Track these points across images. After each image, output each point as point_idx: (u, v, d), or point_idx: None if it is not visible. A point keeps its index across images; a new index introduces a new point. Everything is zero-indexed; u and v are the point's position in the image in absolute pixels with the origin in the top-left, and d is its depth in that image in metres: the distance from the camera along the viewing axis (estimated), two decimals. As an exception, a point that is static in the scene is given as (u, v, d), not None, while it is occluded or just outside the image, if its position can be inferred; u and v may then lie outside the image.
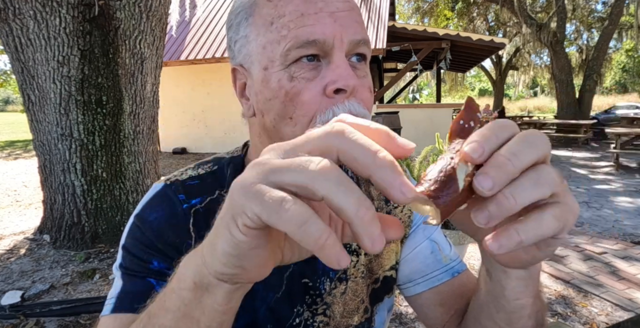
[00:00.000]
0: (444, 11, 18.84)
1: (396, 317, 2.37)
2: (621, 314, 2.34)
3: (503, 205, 0.26)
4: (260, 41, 0.48)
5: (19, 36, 3.07)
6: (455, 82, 26.28)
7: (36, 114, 3.27)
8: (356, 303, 0.62)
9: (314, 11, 0.46)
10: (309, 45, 0.45)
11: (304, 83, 0.47)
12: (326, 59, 0.47)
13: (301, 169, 0.24)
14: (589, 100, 12.30)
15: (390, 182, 0.24)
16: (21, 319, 2.35)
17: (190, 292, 0.33)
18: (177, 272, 0.35)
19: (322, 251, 0.23)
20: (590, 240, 3.54)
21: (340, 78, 0.45)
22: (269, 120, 0.50)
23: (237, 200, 0.26)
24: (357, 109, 0.47)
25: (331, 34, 0.46)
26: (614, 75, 35.06)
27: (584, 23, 19.08)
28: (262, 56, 0.48)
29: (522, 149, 0.27)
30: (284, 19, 0.46)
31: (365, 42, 0.49)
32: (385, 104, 11.92)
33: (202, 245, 0.33)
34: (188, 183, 0.58)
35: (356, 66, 0.50)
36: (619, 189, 5.62)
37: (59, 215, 3.36)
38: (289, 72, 0.47)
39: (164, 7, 3.50)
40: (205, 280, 0.32)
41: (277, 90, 0.47)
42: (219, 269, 0.30)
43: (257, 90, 0.50)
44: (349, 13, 0.48)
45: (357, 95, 0.48)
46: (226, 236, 0.27)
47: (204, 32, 9.01)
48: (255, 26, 0.49)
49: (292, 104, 0.47)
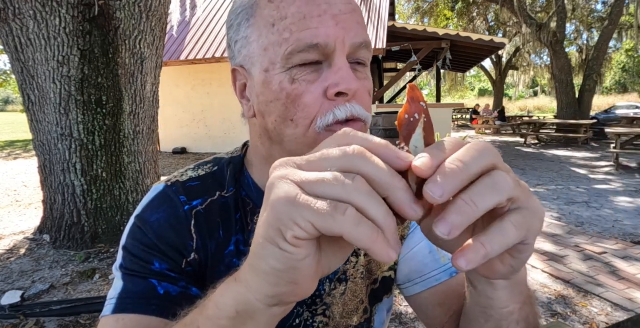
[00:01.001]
0: (444, 11, 18.84)
1: (396, 317, 2.37)
2: (621, 314, 2.34)
3: (464, 212, 0.26)
4: (262, 43, 0.48)
5: (19, 36, 3.07)
6: (455, 82, 26.28)
7: (36, 114, 3.27)
8: (355, 304, 0.62)
9: (317, 14, 0.45)
10: (311, 49, 0.45)
11: (306, 85, 0.46)
12: (327, 61, 0.47)
13: (339, 184, 0.26)
14: (589, 100, 12.29)
15: (405, 202, 0.27)
16: (21, 319, 2.35)
17: (231, 321, 0.33)
18: (214, 299, 0.35)
19: (374, 246, 0.26)
20: (590, 240, 3.54)
21: (342, 81, 0.45)
22: (271, 122, 0.50)
23: (285, 213, 0.27)
24: (359, 112, 0.47)
25: (334, 37, 0.45)
26: (614, 75, 35.06)
27: (584, 23, 19.08)
28: (264, 58, 0.48)
29: (469, 156, 0.27)
30: (286, 21, 0.46)
31: (366, 44, 0.49)
32: (386, 104, 11.92)
33: (241, 272, 0.33)
34: (189, 184, 0.58)
35: (357, 69, 0.49)
36: (619, 189, 5.62)
37: (59, 215, 3.36)
38: (290, 74, 0.47)
39: (164, 7, 3.50)
40: (250, 308, 0.31)
41: (278, 92, 0.47)
42: (270, 291, 0.30)
43: (258, 92, 0.50)
44: (351, 15, 0.47)
45: (359, 98, 0.48)
46: (276, 253, 0.28)
47: (204, 32, 9.01)
48: (256, 27, 0.48)
49: (293, 106, 0.47)
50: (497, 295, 0.41)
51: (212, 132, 9.68)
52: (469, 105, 24.68)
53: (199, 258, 0.54)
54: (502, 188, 0.27)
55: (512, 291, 0.41)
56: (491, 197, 0.27)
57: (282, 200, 0.27)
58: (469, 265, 0.27)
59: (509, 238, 0.28)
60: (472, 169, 0.27)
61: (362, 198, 0.26)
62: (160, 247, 0.53)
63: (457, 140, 0.30)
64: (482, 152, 0.28)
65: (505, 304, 0.42)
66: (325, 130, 0.46)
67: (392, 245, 0.26)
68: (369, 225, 0.26)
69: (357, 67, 0.50)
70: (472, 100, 38.93)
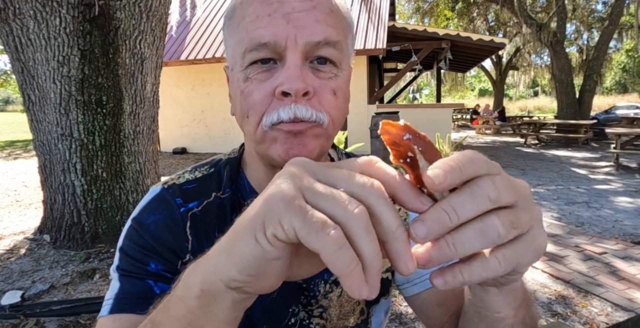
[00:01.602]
0: (444, 11, 18.83)
1: (396, 317, 2.37)
2: (621, 314, 2.34)
3: (443, 252, 0.26)
4: (231, 43, 0.50)
5: (19, 36, 3.07)
6: (455, 82, 26.28)
7: (36, 113, 3.27)
8: (352, 305, 0.62)
9: (268, 13, 0.46)
10: (261, 48, 0.46)
11: (257, 84, 0.47)
12: (282, 61, 0.47)
13: (342, 205, 0.26)
14: (589, 100, 12.28)
15: (401, 254, 0.26)
16: (21, 319, 2.35)
17: (197, 300, 0.32)
18: (183, 279, 0.35)
19: (348, 278, 0.24)
20: (590, 240, 3.54)
21: (286, 81, 0.45)
22: (237, 119, 0.53)
23: (275, 210, 0.26)
24: (303, 113, 0.45)
25: (283, 36, 0.45)
26: (614, 76, 35.05)
27: (584, 23, 19.08)
28: (231, 57, 0.51)
29: (465, 201, 0.26)
30: (244, 21, 0.47)
31: (328, 42, 0.46)
32: (386, 104, 11.92)
33: (213, 252, 0.32)
34: (185, 187, 0.58)
35: (319, 68, 0.48)
36: (619, 189, 5.61)
37: (59, 215, 3.36)
38: (245, 73, 0.48)
39: (164, 7, 3.50)
40: (213, 288, 0.31)
41: (236, 89, 0.50)
42: (233, 275, 0.30)
43: (229, 90, 0.54)
44: (307, 13, 0.46)
45: (313, 99, 0.47)
46: (250, 243, 0.28)
47: (204, 32, 9.01)
48: (229, 29, 0.51)
49: (246, 103, 0.48)
50: (490, 300, 0.41)
51: (212, 132, 9.68)
52: (469, 105, 24.68)
53: (194, 260, 0.54)
54: (492, 236, 0.26)
55: (505, 297, 0.41)
56: (477, 243, 0.26)
57: (278, 197, 0.27)
58: (445, 286, 0.27)
59: (491, 272, 0.27)
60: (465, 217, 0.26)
61: (358, 227, 0.25)
62: (157, 248, 0.53)
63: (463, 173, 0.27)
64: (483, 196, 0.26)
65: (498, 309, 0.42)
66: (270, 129, 0.47)
67: (370, 283, 0.25)
68: (350, 254, 0.25)
69: (321, 66, 0.48)
70: (473, 100, 38.93)
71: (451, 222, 0.26)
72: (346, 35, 0.51)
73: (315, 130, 0.48)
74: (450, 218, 0.26)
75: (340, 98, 0.50)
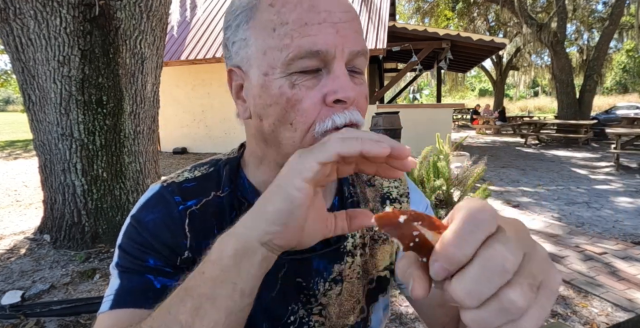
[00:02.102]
0: (445, 11, 18.82)
1: (396, 317, 2.37)
2: (621, 315, 2.34)
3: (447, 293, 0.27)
4: (260, 46, 0.48)
5: (20, 36, 3.07)
6: (455, 82, 26.26)
7: (36, 113, 3.27)
8: (352, 304, 0.62)
9: (318, 21, 0.46)
10: (312, 56, 0.46)
11: (305, 91, 0.47)
12: (326, 68, 0.48)
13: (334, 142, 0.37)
14: (589, 100, 12.27)
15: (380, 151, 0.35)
16: (21, 319, 2.35)
17: (231, 259, 0.39)
18: (216, 245, 0.41)
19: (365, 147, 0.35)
20: (590, 241, 3.54)
21: (340, 89, 0.47)
22: (267, 125, 0.50)
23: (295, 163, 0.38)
24: (357, 118, 0.49)
25: (333, 45, 0.46)
26: (615, 76, 35.02)
27: (585, 23, 19.06)
28: (262, 61, 0.48)
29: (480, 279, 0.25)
30: (287, 27, 0.46)
31: (363, 52, 0.50)
32: (386, 104, 11.91)
33: (243, 219, 0.41)
34: (184, 185, 0.59)
35: (354, 76, 0.51)
36: (619, 189, 5.61)
37: (59, 215, 3.36)
38: (290, 79, 0.47)
39: (164, 7, 3.50)
40: (247, 245, 0.39)
41: (278, 96, 0.48)
42: (266, 227, 0.38)
43: (256, 95, 0.50)
44: (350, 24, 0.48)
45: (356, 105, 0.50)
46: (282, 194, 0.38)
47: (204, 32, 9.01)
48: (255, 30, 0.49)
49: (293, 110, 0.48)
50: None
51: (212, 132, 9.68)
52: (469, 106, 24.66)
53: (192, 257, 0.55)
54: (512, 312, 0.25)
55: None
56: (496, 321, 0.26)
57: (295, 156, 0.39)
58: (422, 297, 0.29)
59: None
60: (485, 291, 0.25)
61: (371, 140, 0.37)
62: (155, 245, 0.54)
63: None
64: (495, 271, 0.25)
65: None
66: (322, 135, 0.48)
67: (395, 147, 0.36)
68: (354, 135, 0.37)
69: (354, 74, 0.51)
70: (473, 101, 38.91)
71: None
72: None
73: None
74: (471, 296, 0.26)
75: (367, 103, 0.55)
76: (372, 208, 0.65)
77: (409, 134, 6.76)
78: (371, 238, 0.64)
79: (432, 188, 3.54)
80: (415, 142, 6.57)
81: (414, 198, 0.70)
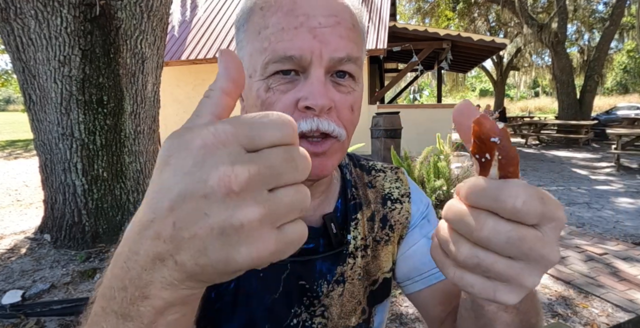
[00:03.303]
0: (445, 11, 18.82)
1: (396, 317, 2.37)
2: (622, 315, 2.34)
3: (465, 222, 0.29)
4: (249, 49, 0.50)
5: (20, 36, 3.07)
6: (456, 83, 26.25)
7: (37, 113, 3.27)
8: (353, 305, 0.62)
9: (294, 26, 0.46)
10: (286, 61, 0.46)
11: (278, 95, 0.47)
12: (305, 73, 0.47)
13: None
14: (590, 100, 12.27)
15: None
16: (22, 318, 2.35)
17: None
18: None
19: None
20: (591, 241, 3.54)
21: (310, 96, 0.45)
22: None
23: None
24: (325, 127, 0.47)
25: (309, 50, 0.45)
26: (615, 76, 35.00)
27: (585, 23, 19.05)
28: (249, 64, 0.50)
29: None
30: (267, 31, 0.47)
31: (350, 58, 0.48)
32: (386, 104, 11.92)
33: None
34: None
35: (340, 82, 0.49)
36: (619, 190, 5.61)
37: (60, 214, 3.36)
38: (267, 82, 0.48)
39: (165, 7, 3.50)
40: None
41: (255, 98, 0.49)
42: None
43: (244, 96, 0.52)
44: (332, 28, 0.47)
45: (333, 113, 0.48)
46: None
47: (205, 32, 9.01)
48: (248, 33, 0.50)
49: None
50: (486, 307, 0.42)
51: (212, 132, 9.67)
52: (469, 106, 24.60)
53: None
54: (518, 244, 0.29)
55: (500, 306, 0.41)
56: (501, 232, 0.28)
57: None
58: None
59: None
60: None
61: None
62: None
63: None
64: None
65: (495, 309, 0.42)
66: None
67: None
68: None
69: (341, 80, 0.49)
70: (473, 101, 38.71)
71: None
72: (363, 50, 0.52)
73: (334, 147, 0.49)
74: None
75: (355, 113, 0.52)
76: (373, 210, 0.66)
77: (409, 134, 6.76)
78: (373, 239, 0.64)
79: (432, 189, 3.55)
80: (416, 142, 6.56)
81: (415, 198, 0.70)
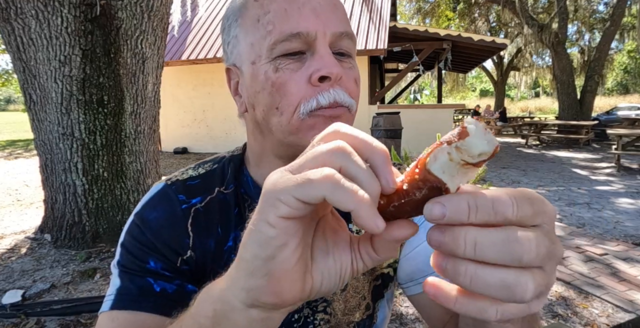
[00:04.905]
0: (446, 12, 18.82)
1: (397, 317, 2.36)
2: (622, 315, 2.34)
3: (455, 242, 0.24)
4: (249, 39, 0.51)
5: (21, 36, 3.07)
6: (456, 83, 26.23)
7: (37, 113, 3.27)
8: (357, 300, 0.62)
9: (297, 6, 0.48)
10: (293, 38, 0.48)
11: (289, 73, 0.48)
12: (310, 50, 0.49)
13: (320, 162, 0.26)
14: (590, 101, 12.26)
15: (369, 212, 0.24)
16: (22, 318, 2.35)
17: (209, 320, 0.32)
18: (198, 297, 0.34)
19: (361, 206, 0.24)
20: (591, 242, 3.53)
21: (323, 66, 0.47)
22: (259, 113, 0.52)
23: (270, 195, 0.26)
24: (343, 97, 0.49)
25: (314, 27, 0.48)
26: (616, 76, 34.98)
27: (586, 24, 19.04)
28: (251, 53, 0.51)
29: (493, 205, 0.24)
30: (269, 16, 0.49)
31: (348, 35, 0.51)
32: (387, 104, 11.92)
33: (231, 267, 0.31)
34: (189, 183, 0.59)
35: (341, 59, 0.51)
36: (620, 190, 5.61)
37: (60, 214, 3.36)
38: (274, 64, 0.49)
39: (165, 7, 3.51)
40: (227, 307, 0.30)
41: (264, 82, 0.49)
42: (245, 284, 0.28)
43: (248, 85, 0.52)
44: (330, 8, 0.50)
45: (343, 84, 0.50)
46: (255, 237, 0.27)
47: (205, 32, 9.02)
48: (243, 26, 0.52)
49: (278, 94, 0.49)
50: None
51: (213, 132, 9.69)
52: (470, 106, 24.64)
53: (195, 256, 0.55)
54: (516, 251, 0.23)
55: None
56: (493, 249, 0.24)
57: (269, 184, 0.27)
58: (434, 297, 0.27)
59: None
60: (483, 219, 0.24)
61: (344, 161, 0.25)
62: (157, 245, 0.54)
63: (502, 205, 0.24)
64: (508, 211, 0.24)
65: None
66: (308, 116, 0.48)
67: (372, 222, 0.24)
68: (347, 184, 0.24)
69: (341, 57, 0.51)
70: (474, 101, 38.87)
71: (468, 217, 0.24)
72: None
73: (346, 116, 0.51)
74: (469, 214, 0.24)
75: (358, 87, 0.53)
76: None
77: (409, 134, 6.76)
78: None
79: (432, 189, 3.54)
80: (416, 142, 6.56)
81: None
